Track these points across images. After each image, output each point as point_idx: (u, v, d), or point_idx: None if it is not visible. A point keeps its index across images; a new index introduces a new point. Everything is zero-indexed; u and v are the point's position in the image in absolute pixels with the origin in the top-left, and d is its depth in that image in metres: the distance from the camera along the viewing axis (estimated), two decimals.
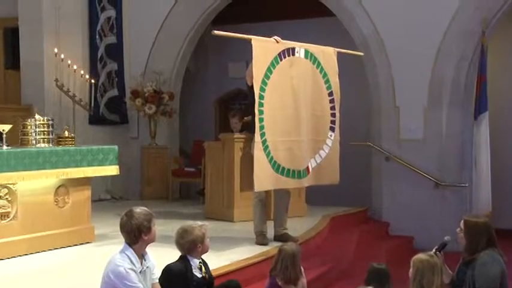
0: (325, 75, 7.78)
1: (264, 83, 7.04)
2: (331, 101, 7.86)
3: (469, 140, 10.25)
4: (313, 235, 8.47)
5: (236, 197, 9.07)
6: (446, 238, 5.43)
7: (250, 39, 7.06)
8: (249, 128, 8.01)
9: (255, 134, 6.97)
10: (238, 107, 13.56)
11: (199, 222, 5.13)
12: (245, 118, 8.89)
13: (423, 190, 10.38)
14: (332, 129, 7.87)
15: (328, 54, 7.89)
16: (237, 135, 9.09)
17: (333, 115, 7.88)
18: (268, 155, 7.04)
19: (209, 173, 9.67)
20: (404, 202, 10.48)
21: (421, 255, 4.88)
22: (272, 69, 7.14)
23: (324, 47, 7.93)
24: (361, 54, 9.65)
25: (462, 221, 5.38)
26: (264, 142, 6.99)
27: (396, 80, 10.61)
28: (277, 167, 7.16)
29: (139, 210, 4.93)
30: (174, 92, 12.20)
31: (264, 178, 7.03)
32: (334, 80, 7.89)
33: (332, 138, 7.85)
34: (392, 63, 10.57)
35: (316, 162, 7.66)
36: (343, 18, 11.12)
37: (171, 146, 12.31)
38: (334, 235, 9.16)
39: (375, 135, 10.99)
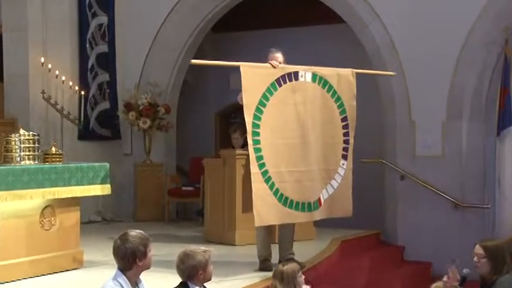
0: (338, 99, 7.75)
1: (258, 111, 7.08)
2: (345, 126, 7.83)
3: (492, 157, 10.21)
4: (321, 260, 8.44)
5: (238, 219, 9.03)
6: (465, 271, 5.41)
7: (239, 66, 7.09)
8: None
9: (251, 166, 7.00)
10: (240, 121, 13.53)
11: (203, 247, 5.08)
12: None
13: (441, 211, 10.33)
14: (344, 157, 7.82)
15: (344, 77, 7.85)
16: (238, 151, 9.08)
17: (346, 142, 7.84)
18: (271, 187, 7.08)
19: (208, 193, 9.64)
20: (420, 224, 10.43)
21: (439, 284, 4.83)
22: (269, 96, 7.17)
23: (340, 69, 7.90)
24: (393, 74, 9.64)
25: (478, 249, 5.37)
26: (264, 173, 7.04)
27: (412, 92, 10.58)
28: (284, 200, 7.19)
29: (134, 233, 4.89)
30: (171, 104, 12.19)
31: (267, 212, 7.07)
32: (350, 104, 7.85)
33: (344, 167, 7.81)
34: (408, 74, 10.53)
35: (328, 193, 7.65)
36: (354, 25, 11.11)
37: (167, 163, 12.28)
38: (345, 260, 9.12)
39: (388, 151, 10.95)
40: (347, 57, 11.63)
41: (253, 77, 7.17)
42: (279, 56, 7.57)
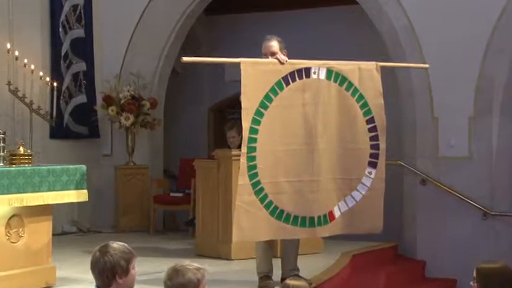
0: (360, 97, 7.68)
1: (258, 114, 7.08)
2: (372, 129, 7.74)
3: None
4: (330, 277, 8.42)
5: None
6: None
7: (239, 63, 7.06)
8: None
9: (240, 176, 7.02)
10: (237, 117, 13.49)
11: (197, 264, 5.02)
12: None
13: (468, 221, 10.34)
14: (372, 164, 7.72)
15: (367, 71, 7.77)
16: (235, 151, 9.04)
17: (375, 147, 7.74)
18: (263, 199, 7.09)
19: (200, 199, 9.63)
20: (444, 236, 10.44)
21: None
22: (272, 96, 7.15)
23: (362, 62, 7.83)
24: (426, 66, 9.61)
25: (475, 270, 5.36)
26: (255, 184, 7.04)
27: (434, 85, 10.58)
28: (279, 214, 7.19)
29: (116, 245, 4.85)
30: (157, 98, 12.19)
31: (254, 227, 7.09)
32: (376, 103, 7.76)
33: (372, 176, 7.70)
34: (430, 64, 10.44)
35: (346, 206, 7.59)
36: (368, 7, 11.11)
37: (153, 166, 12.28)
38: (357, 277, 9.12)
39: (407, 152, 10.96)
40: (360, 44, 11.63)
41: (256, 76, 7.14)
42: (274, 44, 7.49)
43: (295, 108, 7.30)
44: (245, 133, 7.02)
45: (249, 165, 7.01)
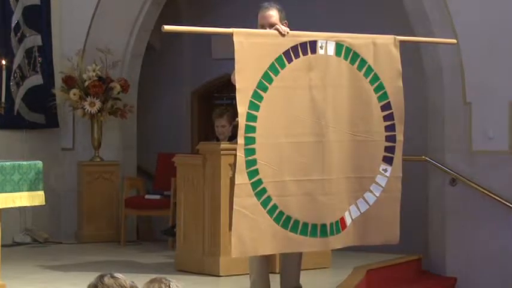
0: (375, 78, 7.69)
1: (257, 97, 7.04)
2: (388, 117, 7.75)
3: None
4: None
5: (223, 239, 9.00)
6: None
7: (232, 33, 7.02)
8: None
9: (237, 174, 6.98)
10: (227, 102, 13.52)
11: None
12: (237, 119, 8.84)
13: (508, 229, 10.37)
14: (388, 160, 7.75)
15: (383, 47, 7.78)
16: (225, 144, 9.06)
17: (390, 139, 7.77)
18: (266, 202, 7.05)
19: (182, 203, 9.63)
20: (479, 247, 10.48)
21: None
22: (273, 76, 7.13)
23: (377, 35, 7.83)
24: (454, 42, 9.61)
25: None
26: (256, 184, 7.00)
27: (467, 64, 10.59)
28: (285, 221, 7.14)
29: (110, 281, 4.76)
30: (130, 80, 12.20)
31: (256, 238, 7.04)
32: (394, 85, 7.78)
33: (387, 174, 7.74)
34: (462, 39, 10.50)
35: (358, 211, 7.60)
36: None
37: (124, 162, 12.31)
38: None
39: (434, 145, 11.00)
40: (375, 14, 11.62)
41: (253, 50, 7.10)
42: (273, 14, 7.47)
43: (300, 91, 7.28)
44: (241, 120, 6.97)
45: (247, 160, 6.96)
